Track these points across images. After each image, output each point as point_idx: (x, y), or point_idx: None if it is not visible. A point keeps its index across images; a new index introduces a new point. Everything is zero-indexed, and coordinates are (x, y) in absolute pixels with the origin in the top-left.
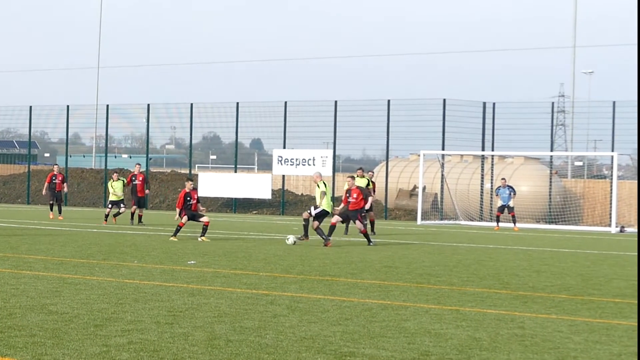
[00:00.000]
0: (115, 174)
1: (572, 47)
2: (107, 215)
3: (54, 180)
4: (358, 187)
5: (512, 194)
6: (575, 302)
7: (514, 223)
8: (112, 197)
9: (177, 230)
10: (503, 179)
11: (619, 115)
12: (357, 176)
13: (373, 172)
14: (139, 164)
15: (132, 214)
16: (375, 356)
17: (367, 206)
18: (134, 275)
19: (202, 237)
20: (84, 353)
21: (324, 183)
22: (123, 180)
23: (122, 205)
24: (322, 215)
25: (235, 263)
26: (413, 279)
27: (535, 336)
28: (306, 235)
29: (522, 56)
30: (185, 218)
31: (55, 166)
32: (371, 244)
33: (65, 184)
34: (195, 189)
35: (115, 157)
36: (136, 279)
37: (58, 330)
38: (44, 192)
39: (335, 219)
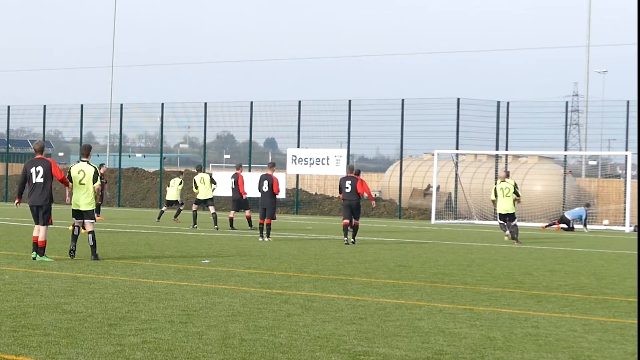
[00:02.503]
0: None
1: (586, 46)
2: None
3: (102, 180)
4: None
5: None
6: (589, 302)
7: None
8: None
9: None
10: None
11: (632, 115)
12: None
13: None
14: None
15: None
16: (389, 355)
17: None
18: (148, 274)
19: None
20: (98, 352)
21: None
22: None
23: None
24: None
25: (249, 262)
26: (427, 278)
27: (549, 335)
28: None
29: (536, 55)
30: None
31: (102, 166)
32: None
33: None
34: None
35: (129, 156)
36: (150, 278)
37: (72, 330)
38: (98, 193)
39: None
